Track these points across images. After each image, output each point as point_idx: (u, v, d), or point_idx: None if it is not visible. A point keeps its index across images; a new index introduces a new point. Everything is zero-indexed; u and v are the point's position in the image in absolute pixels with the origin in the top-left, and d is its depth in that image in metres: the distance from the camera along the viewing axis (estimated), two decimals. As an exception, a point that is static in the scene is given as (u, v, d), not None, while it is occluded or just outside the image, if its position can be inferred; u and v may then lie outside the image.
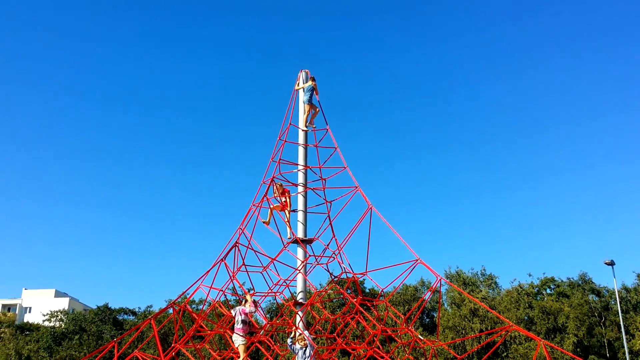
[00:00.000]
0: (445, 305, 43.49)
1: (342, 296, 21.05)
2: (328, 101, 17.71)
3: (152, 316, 14.80)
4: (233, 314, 13.49)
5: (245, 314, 13.15)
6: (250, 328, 13.48)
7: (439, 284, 15.13)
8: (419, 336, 15.60)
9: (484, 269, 45.67)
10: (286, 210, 15.63)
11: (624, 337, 30.20)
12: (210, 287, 15.17)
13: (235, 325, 13.19)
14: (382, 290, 16.51)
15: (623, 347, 30.60)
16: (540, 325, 37.26)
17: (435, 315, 41.41)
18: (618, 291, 33.72)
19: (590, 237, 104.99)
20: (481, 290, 41.53)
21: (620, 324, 30.83)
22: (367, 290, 41.19)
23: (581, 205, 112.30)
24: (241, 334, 12.99)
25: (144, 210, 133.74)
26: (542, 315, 38.18)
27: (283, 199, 15.66)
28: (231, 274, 15.20)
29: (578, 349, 34.46)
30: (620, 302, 33.08)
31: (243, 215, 15.86)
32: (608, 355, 37.13)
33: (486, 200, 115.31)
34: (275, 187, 15.69)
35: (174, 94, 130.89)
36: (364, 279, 41.88)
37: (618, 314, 31.57)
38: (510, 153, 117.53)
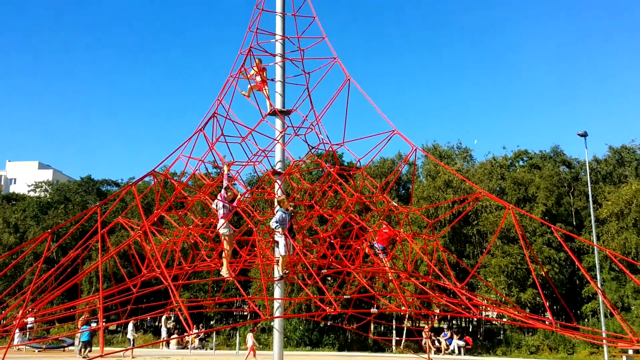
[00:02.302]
0: (421, 177, 44.77)
1: (320, 167, 21.59)
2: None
3: (132, 183, 15.17)
4: (214, 206, 12.93)
5: (223, 197, 12.52)
6: (232, 205, 12.94)
7: (414, 154, 15.55)
8: (394, 203, 16.33)
9: (459, 143, 46.63)
10: (264, 88, 15.57)
11: (591, 206, 31.67)
12: (189, 157, 15.44)
13: (218, 214, 12.59)
14: (358, 160, 16.98)
15: (589, 215, 32.21)
16: (511, 195, 38.80)
17: (411, 187, 42.76)
18: (589, 162, 34.85)
19: (565, 110, 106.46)
20: (456, 163, 42.64)
21: (588, 194, 32.22)
22: (345, 164, 42.09)
23: (556, 78, 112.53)
24: (225, 223, 12.36)
25: (125, 83, 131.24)
26: (514, 186, 39.65)
27: (259, 78, 15.56)
28: (210, 144, 15.43)
29: (546, 217, 36.19)
30: (590, 173, 34.34)
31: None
32: (575, 223, 39.20)
33: (463, 74, 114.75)
34: (254, 64, 15.51)
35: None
36: (342, 152, 42.68)
37: (587, 184, 32.88)
38: (484, 26, 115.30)
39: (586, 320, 34.73)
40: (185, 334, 31.36)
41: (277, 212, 12.65)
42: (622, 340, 13.47)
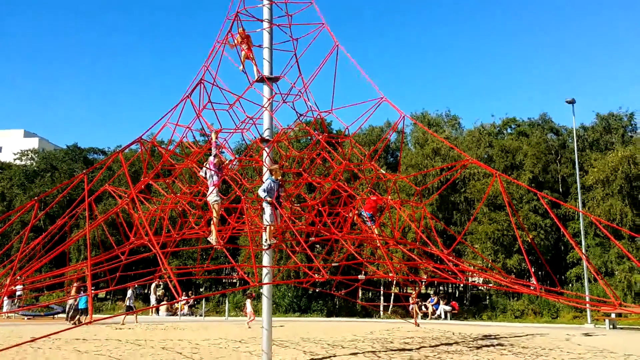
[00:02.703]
0: (409, 145, 44.83)
1: (308, 134, 21.50)
2: None
3: (120, 150, 15.03)
4: (203, 174, 12.84)
5: (213, 164, 12.39)
6: (221, 173, 12.91)
7: (402, 121, 15.50)
8: (382, 171, 16.34)
9: (448, 111, 46.61)
10: (250, 56, 15.33)
11: (578, 173, 31.92)
12: (176, 125, 15.30)
13: (208, 182, 12.50)
14: (347, 128, 16.89)
15: (576, 182, 32.49)
16: (498, 162, 38.98)
17: (399, 155, 42.82)
18: (576, 130, 35.00)
19: (554, 77, 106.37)
20: (444, 131, 42.66)
21: (575, 161, 32.42)
22: (334, 132, 41.98)
23: (547, 45, 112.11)
24: (215, 190, 12.22)
25: (112, 50, 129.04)
26: (501, 154, 39.83)
27: (245, 46, 15.32)
28: (197, 111, 15.28)
29: (533, 184, 36.51)
30: (577, 140, 34.53)
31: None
32: (561, 190, 39.57)
33: (452, 43, 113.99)
34: (238, 32, 15.24)
35: None
36: (330, 120, 42.57)
37: (574, 151, 33.08)
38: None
39: (570, 285, 35.32)
40: (174, 300, 31.57)
41: (265, 180, 12.62)
42: (605, 304, 13.74)
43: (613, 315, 24.50)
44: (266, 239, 12.07)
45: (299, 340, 17.28)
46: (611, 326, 24.43)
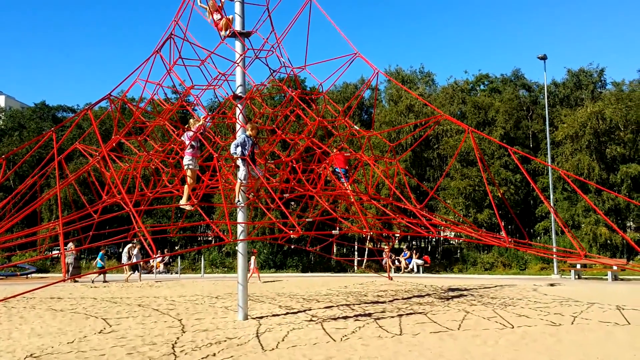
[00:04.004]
0: (383, 102, 44.83)
1: (281, 91, 21.32)
2: None
3: (88, 107, 14.74)
4: (183, 138, 12.56)
5: (191, 138, 12.20)
6: (200, 150, 12.72)
7: (376, 77, 15.46)
8: (355, 127, 16.38)
9: (422, 67, 46.60)
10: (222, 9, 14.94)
11: (548, 129, 32.38)
12: (146, 81, 15.03)
13: (186, 150, 12.33)
14: (320, 84, 16.79)
15: (546, 138, 32.99)
16: (471, 119, 39.27)
17: (374, 112, 42.79)
18: (547, 86, 35.35)
19: (527, 34, 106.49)
20: (418, 88, 42.66)
21: (545, 117, 32.85)
22: (308, 88, 41.69)
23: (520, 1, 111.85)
24: (190, 156, 12.17)
25: (80, 1, 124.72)
26: (474, 110, 40.08)
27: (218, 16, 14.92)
28: (168, 67, 15.00)
29: (504, 140, 36.97)
30: (548, 97, 34.89)
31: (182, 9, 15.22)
32: (531, 145, 40.17)
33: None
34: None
35: None
36: (305, 77, 42.19)
37: (545, 107, 33.48)
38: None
39: (539, 237, 36.28)
40: (148, 258, 31.59)
41: (238, 135, 12.56)
42: (571, 255, 14.19)
43: (578, 266, 25.32)
44: (239, 199, 12.10)
45: (274, 295, 17.55)
46: (576, 276, 25.27)
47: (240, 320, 11.99)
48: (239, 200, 12.12)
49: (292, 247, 34.77)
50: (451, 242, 40.81)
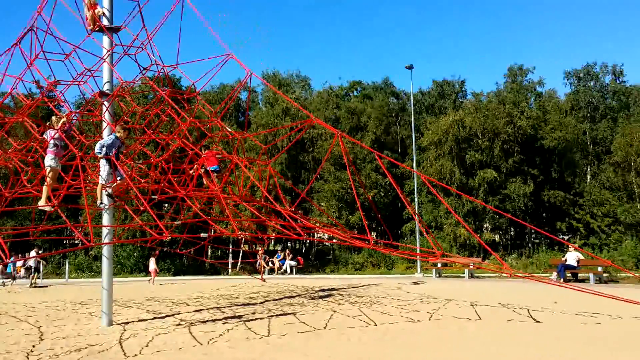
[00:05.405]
0: (260, 105, 45.06)
1: (152, 90, 20.70)
2: None
3: None
4: (45, 135, 11.95)
5: (54, 137, 11.57)
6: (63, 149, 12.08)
7: (250, 79, 15.52)
8: (227, 128, 16.32)
9: (299, 71, 47.47)
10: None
11: (414, 135, 34.26)
12: (4, 74, 14.01)
13: (49, 147, 11.68)
14: (193, 84, 16.52)
15: (412, 144, 34.91)
16: (345, 123, 40.63)
17: (251, 114, 42.85)
18: (414, 94, 37.44)
19: (396, 41, 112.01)
20: (295, 91, 43.38)
21: (412, 124, 34.73)
22: (183, 88, 40.80)
23: (388, 11, 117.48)
24: (53, 155, 11.55)
25: None
26: (348, 115, 41.50)
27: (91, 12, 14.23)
28: (29, 60, 14.07)
29: (375, 145, 38.66)
30: (415, 104, 37.00)
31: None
32: (400, 150, 42.31)
33: (301, 3, 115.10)
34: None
35: None
36: (180, 77, 41.21)
37: (412, 114, 35.39)
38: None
39: (405, 238, 38.28)
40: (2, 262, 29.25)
41: (108, 136, 12.07)
42: (430, 255, 15.16)
43: (439, 265, 27.04)
44: (101, 200, 11.64)
45: (142, 299, 17.02)
46: (437, 275, 26.98)
47: (104, 326, 11.53)
48: (102, 202, 11.65)
49: (165, 250, 33.83)
50: (325, 244, 41.85)
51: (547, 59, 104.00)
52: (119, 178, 11.58)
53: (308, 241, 41.83)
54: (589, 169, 42.56)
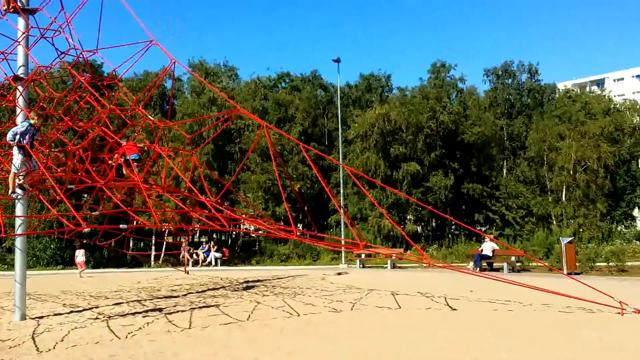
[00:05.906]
0: (186, 94, 44.16)
1: (70, 75, 19.85)
2: None
3: None
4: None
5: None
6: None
7: (174, 67, 15.18)
8: (149, 116, 15.91)
9: (226, 61, 46.86)
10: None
11: (340, 128, 34.64)
12: None
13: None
14: (114, 70, 16.03)
15: (339, 136, 35.30)
16: (273, 115, 40.52)
17: (176, 103, 41.93)
18: (341, 87, 37.84)
19: (324, 36, 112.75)
20: (222, 81, 42.80)
21: (339, 117, 35.07)
22: (105, 74, 39.34)
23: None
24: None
25: None
26: (276, 106, 41.41)
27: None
28: None
29: (302, 137, 38.79)
30: (342, 97, 37.38)
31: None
32: (327, 143, 42.65)
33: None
34: None
35: None
36: (102, 63, 39.69)
37: (338, 107, 35.75)
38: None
39: (331, 229, 38.68)
40: None
41: (21, 123, 11.53)
42: (353, 245, 15.42)
43: (363, 256, 27.57)
44: (13, 190, 11.12)
45: (59, 293, 16.41)
46: (361, 266, 27.51)
47: (16, 321, 11.07)
48: (13, 192, 11.12)
49: (84, 242, 32.61)
50: (251, 235, 41.66)
51: (469, 56, 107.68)
52: (32, 167, 11.10)
53: (234, 233, 41.51)
54: (505, 164, 44.55)
